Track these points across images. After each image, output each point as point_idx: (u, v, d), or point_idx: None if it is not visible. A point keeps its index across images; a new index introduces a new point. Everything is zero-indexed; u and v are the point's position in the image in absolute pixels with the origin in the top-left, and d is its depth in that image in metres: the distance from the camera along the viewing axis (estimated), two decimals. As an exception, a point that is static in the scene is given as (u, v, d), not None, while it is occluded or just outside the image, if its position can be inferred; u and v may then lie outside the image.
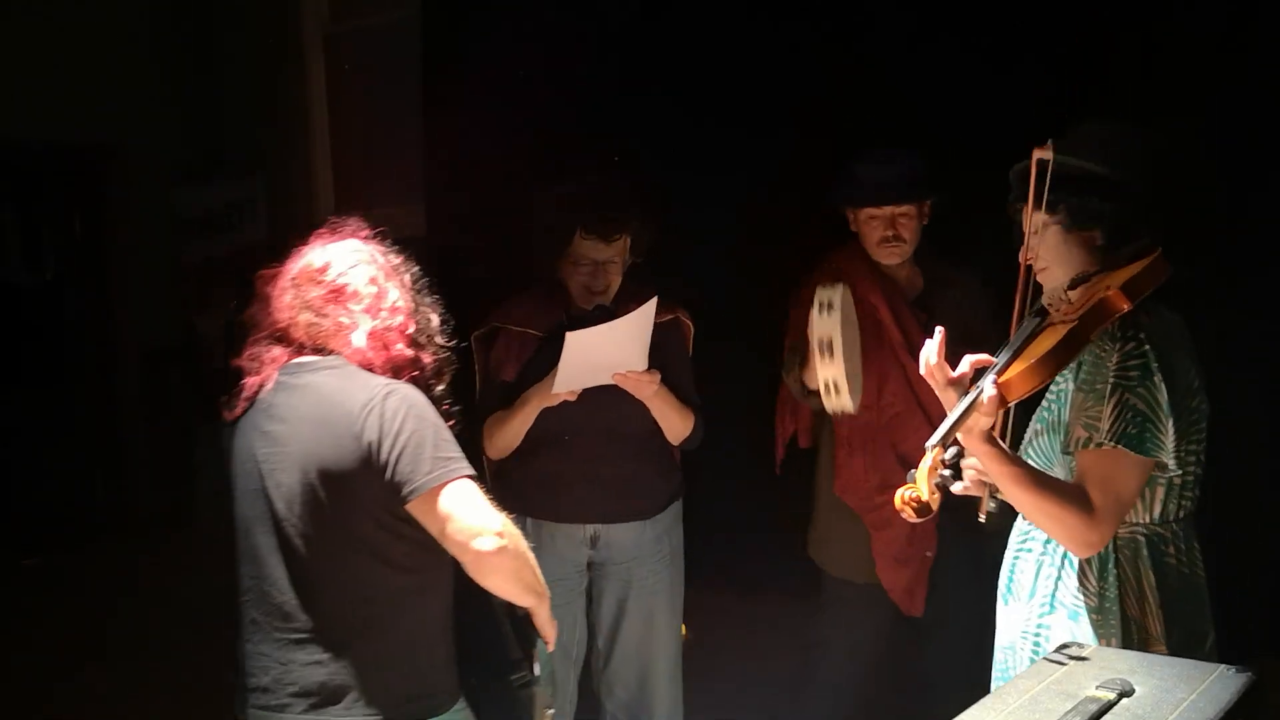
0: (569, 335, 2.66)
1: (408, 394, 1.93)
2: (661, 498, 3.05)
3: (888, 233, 3.00)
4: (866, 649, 3.16)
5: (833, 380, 2.72)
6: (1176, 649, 2.00)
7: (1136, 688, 1.69)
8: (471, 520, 1.85)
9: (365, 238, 2.08)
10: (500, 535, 1.86)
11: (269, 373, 1.99)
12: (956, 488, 2.14)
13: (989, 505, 2.15)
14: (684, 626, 4.58)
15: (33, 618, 5.41)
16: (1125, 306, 1.89)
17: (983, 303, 2.98)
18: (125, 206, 6.72)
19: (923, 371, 1.96)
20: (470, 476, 1.90)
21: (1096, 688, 1.70)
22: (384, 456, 1.87)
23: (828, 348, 2.69)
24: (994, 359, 1.94)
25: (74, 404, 6.76)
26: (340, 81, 6.51)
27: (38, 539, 6.36)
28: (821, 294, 2.71)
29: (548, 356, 2.81)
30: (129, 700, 4.41)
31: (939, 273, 3.12)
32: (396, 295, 2.02)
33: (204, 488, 6.67)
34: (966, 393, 1.88)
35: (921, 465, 1.81)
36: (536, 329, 2.95)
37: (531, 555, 1.96)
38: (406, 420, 1.88)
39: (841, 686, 3.19)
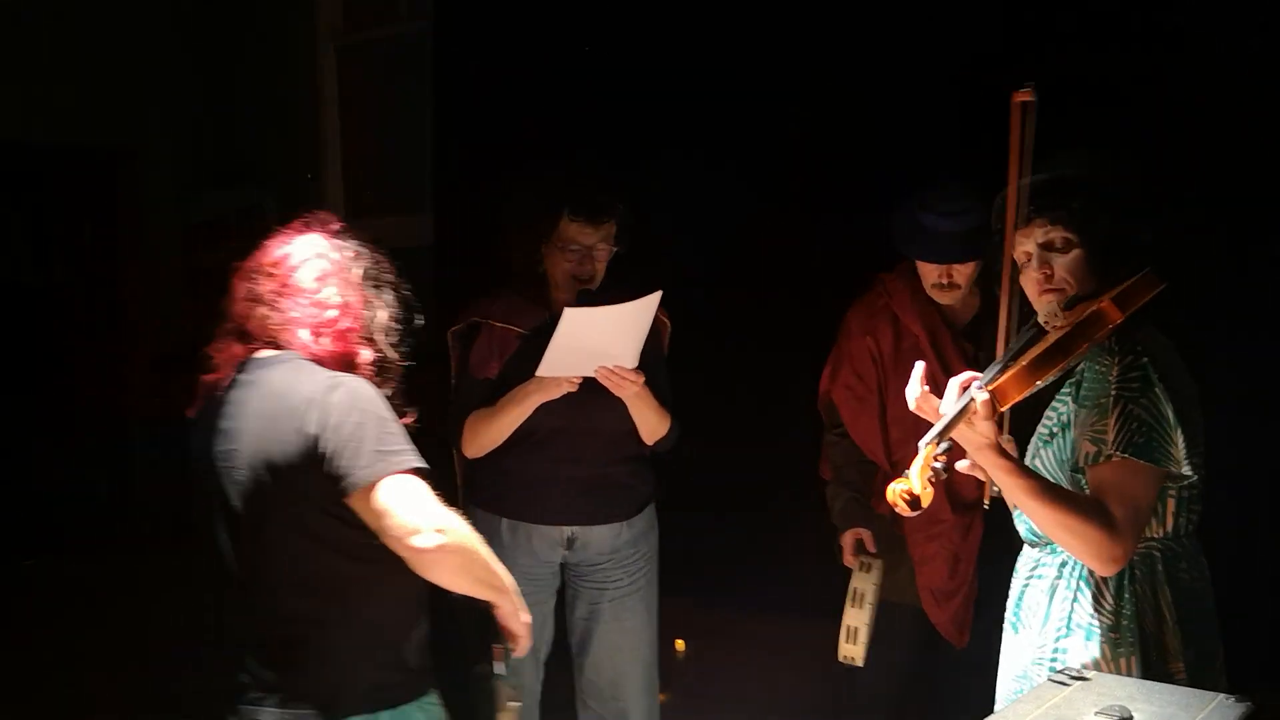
0: (567, 311, 2.58)
1: (355, 386, 1.92)
2: (638, 500, 3.01)
3: (943, 280, 2.96)
4: (903, 668, 3.15)
5: (855, 628, 2.90)
6: (1193, 665, 2.00)
7: (1135, 714, 1.69)
8: (408, 516, 1.81)
9: (328, 233, 2.08)
10: (440, 532, 1.81)
11: (227, 369, 2.01)
12: (962, 465, 2.12)
13: (992, 491, 2.17)
14: (680, 642, 4.59)
15: (31, 618, 5.42)
16: (1118, 317, 1.89)
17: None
18: (136, 210, 6.75)
19: (912, 406, 1.96)
20: (416, 470, 1.87)
21: (1095, 714, 1.69)
22: (323, 449, 1.85)
23: (859, 598, 2.93)
24: (980, 376, 1.95)
25: (80, 406, 6.78)
26: (352, 91, 6.54)
27: (39, 540, 6.37)
28: (858, 580, 2.95)
29: (530, 355, 2.74)
30: (125, 703, 4.40)
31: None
32: (339, 290, 2.01)
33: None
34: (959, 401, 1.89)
35: (915, 462, 1.83)
36: (520, 326, 2.88)
37: (485, 550, 1.93)
38: (349, 413, 1.87)
39: (875, 704, 3.19)
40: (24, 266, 7.13)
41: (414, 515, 1.81)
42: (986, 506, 2.20)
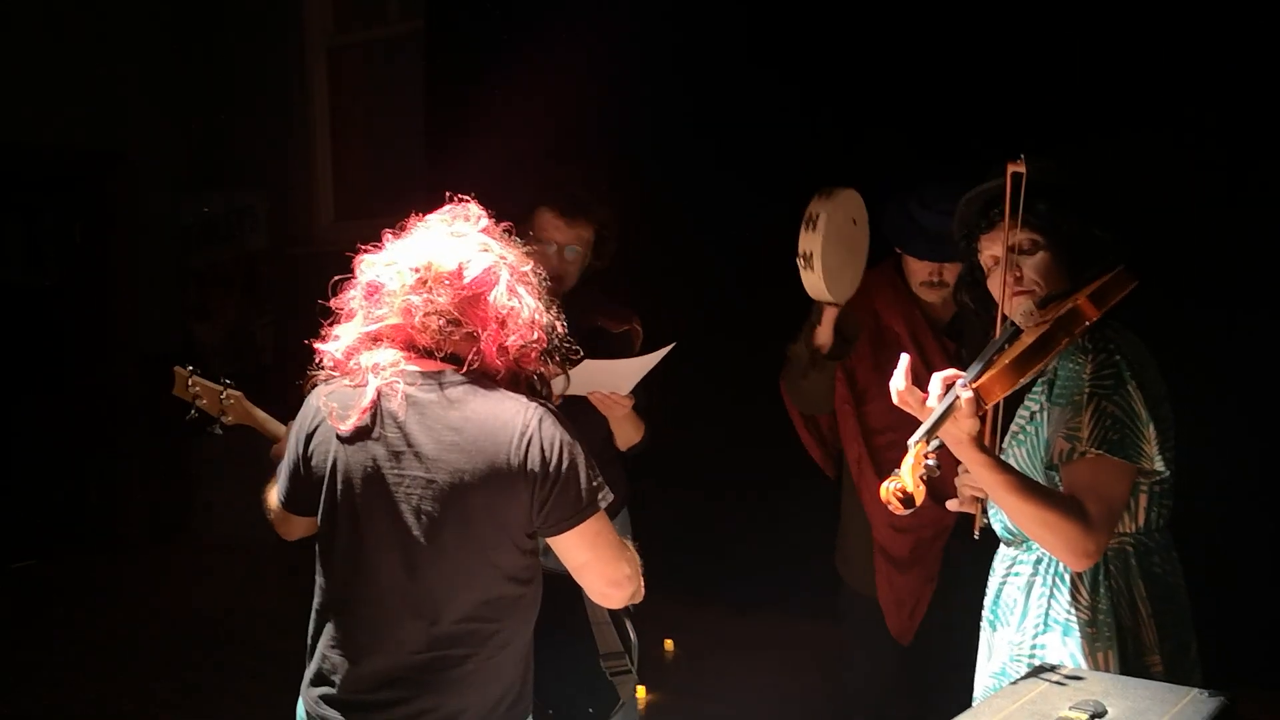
0: (587, 362, 2.53)
1: (556, 418, 1.85)
2: (613, 506, 3.06)
3: (933, 278, 2.97)
4: (886, 664, 3.15)
5: (809, 252, 2.67)
6: (1169, 658, 2.02)
7: (1109, 709, 1.70)
8: (612, 563, 1.90)
9: (490, 233, 1.91)
10: (631, 576, 1.92)
11: (389, 383, 1.82)
12: (951, 505, 2.20)
13: (983, 521, 2.19)
14: (669, 641, 4.61)
15: (19, 621, 5.43)
16: (1094, 314, 1.92)
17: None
18: (127, 212, 6.75)
19: (895, 400, 1.97)
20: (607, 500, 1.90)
21: (1070, 708, 1.71)
22: (546, 486, 1.82)
23: (812, 222, 2.66)
24: (963, 373, 1.97)
25: (71, 408, 6.78)
26: (342, 93, 6.56)
27: (29, 542, 6.37)
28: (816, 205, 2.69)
29: None
30: (117, 704, 4.41)
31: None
32: (534, 307, 1.85)
33: (199, 497, 6.70)
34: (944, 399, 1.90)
35: (905, 461, 1.84)
36: None
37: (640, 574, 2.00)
38: (563, 448, 1.83)
39: (861, 699, 3.20)
40: (16, 268, 7.13)
41: (616, 561, 1.91)
42: (976, 537, 2.21)
